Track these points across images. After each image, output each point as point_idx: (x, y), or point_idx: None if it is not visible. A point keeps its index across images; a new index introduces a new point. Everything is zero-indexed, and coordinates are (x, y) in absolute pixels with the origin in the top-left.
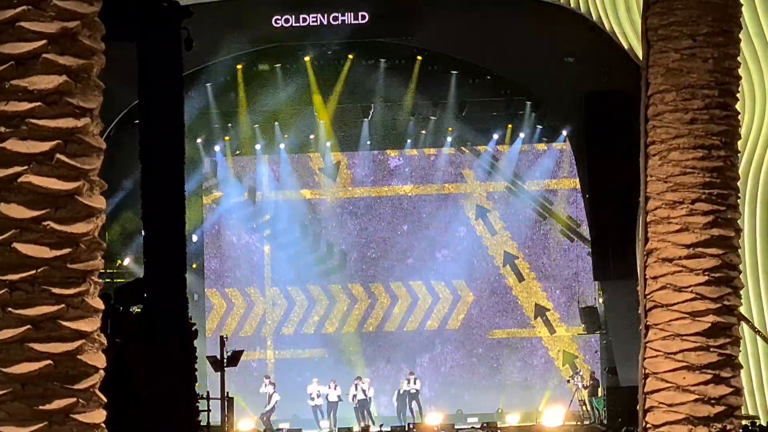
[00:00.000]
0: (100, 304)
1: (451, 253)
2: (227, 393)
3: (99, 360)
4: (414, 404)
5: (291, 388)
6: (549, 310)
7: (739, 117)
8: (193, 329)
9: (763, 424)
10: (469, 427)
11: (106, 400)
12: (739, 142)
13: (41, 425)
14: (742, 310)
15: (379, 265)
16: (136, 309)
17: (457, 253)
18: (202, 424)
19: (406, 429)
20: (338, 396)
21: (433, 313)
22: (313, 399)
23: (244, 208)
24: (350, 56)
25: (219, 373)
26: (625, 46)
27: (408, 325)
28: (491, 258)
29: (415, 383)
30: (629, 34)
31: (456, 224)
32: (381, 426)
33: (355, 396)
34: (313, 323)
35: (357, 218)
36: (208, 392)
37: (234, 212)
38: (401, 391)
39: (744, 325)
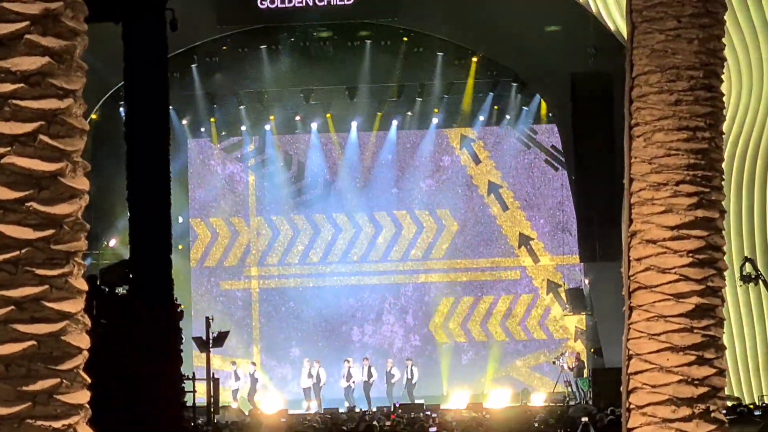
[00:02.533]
0: (83, 285)
1: (436, 182)
2: (213, 374)
3: (83, 341)
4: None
5: (276, 319)
6: (533, 239)
7: (724, 98)
8: (178, 310)
9: (747, 404)
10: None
11: (90, 381)
12: (724, 124)
13: (25, 406)
14: (726, 292)
15: (364, 194)
16: (121, 290)
17: (441, 183)
18: (187, 404)
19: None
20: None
21: (417, 242)
22: (311, 377)
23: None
24: (336, 37)
25: (205, 353)
26: (612, 28)
27: (392, 254)
28: (475, 187)
29: (409, 371)
30: (615, 15)
31: (440, 154)
32: (365, 410)
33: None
34: (297, 253)
35: (341, 148)
36: (194, 373)
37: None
38: (391, 377)
39: (728, 307)
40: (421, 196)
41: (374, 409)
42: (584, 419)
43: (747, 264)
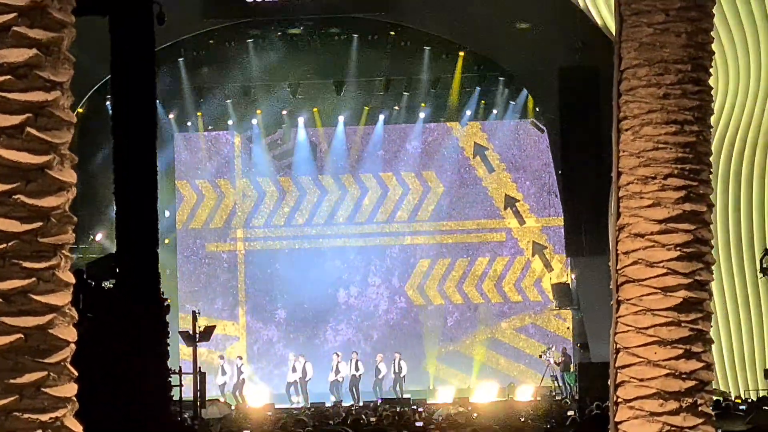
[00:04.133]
0: (71, 278)
1: (421, 144)
2: (199, 368)
3: (70, 334)
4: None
5: (261, 281)
6: (519, 201)
7: (712, 92)
8: (165, 304)
9: (732, 399)
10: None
11: (77, 374)
12: (712, 118)
13: (12, 398)
14: (713, 285)
15: (350, 156)
16: (108, 284)
17: (427, 145)
18: (174, 398)
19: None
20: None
21: (403, 204)
22: (296, 371)
23: None
24: (323, 31)
25: (191, 347)
26: (599, 22)
27: (378, 217)
28: (461, 149)
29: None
30: (602, 10)
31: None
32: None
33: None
34: (283, 215)
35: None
36: (180, 367)
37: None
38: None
39: (714, 302)
40: (407, 158)
41: (360, 404)
42: (570, 413)
43: (767, 257)
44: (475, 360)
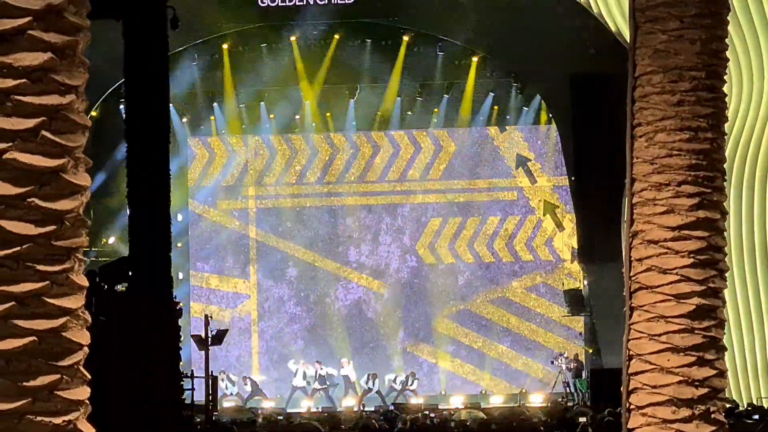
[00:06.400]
0: (84, 281)
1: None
2: (211, 372)
3: (83, 337)
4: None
5: (273, 239)
6: (530, 160)
7: (726, 99)
8: (177, 308)
9: (744, 408)
10: (453, 407)
11: (90, 377)
12: (726, 125)
13: (25, 401)
14: (726, 293)
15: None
16: (120, 287)
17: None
18: (186, 402)
19: (390, 410)
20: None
21: (415, 163)
22: (306, 378)
23: None
24: (336, 36)
25: (203, 351)
26: (612, 29)
27: (390, 175)
28: None
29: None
30: (616, 16)
31: None
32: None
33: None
34: (294, 173)
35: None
36: (192, 370)
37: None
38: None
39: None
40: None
41: (372, 409)
42: (582, 420)
43: None
44: (486, 320)
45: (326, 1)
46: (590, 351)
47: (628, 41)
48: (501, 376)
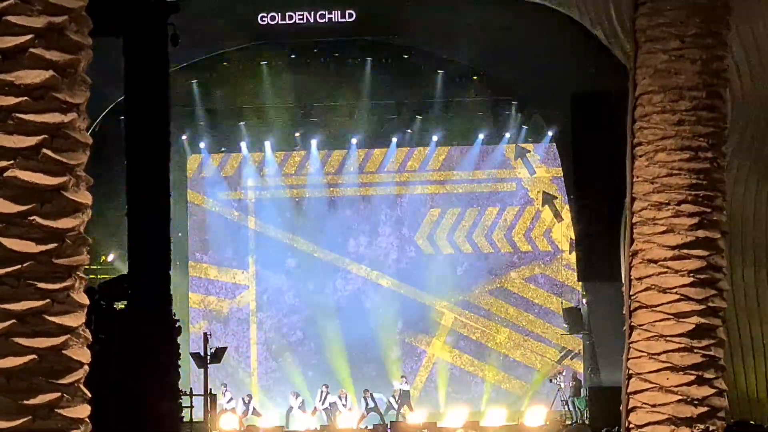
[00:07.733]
0: (85, 300)
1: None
2: (210, 390)
3: (84, 355)
4: (404, 405)
5: (271, 230)
6: (530, 151)
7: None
8: (176, 325)
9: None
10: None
11: (90, 395)
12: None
13: (26, 419)
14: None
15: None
16: (120, 305)
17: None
18: (184, 420)
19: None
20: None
21: (414, 153)
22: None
23: None
24: (336, 55)
25: (202, 369)
26: (614, 48)
27: (389, 166)
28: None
29: (407, 383)
30: (618, 35)
31: None
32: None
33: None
34: (294, 164)
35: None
36: (191, 388)
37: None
38: (400, 392)
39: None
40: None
41: (371, 427)
42: None
43: None
44: (485, 311)
45: (327, 20)
46: (589, 370)
47: (629, 61)
48: (499, 367)
